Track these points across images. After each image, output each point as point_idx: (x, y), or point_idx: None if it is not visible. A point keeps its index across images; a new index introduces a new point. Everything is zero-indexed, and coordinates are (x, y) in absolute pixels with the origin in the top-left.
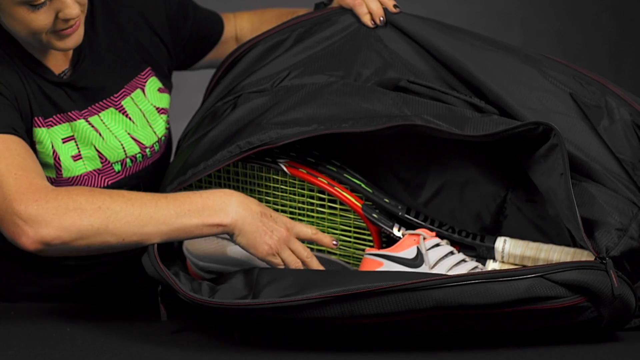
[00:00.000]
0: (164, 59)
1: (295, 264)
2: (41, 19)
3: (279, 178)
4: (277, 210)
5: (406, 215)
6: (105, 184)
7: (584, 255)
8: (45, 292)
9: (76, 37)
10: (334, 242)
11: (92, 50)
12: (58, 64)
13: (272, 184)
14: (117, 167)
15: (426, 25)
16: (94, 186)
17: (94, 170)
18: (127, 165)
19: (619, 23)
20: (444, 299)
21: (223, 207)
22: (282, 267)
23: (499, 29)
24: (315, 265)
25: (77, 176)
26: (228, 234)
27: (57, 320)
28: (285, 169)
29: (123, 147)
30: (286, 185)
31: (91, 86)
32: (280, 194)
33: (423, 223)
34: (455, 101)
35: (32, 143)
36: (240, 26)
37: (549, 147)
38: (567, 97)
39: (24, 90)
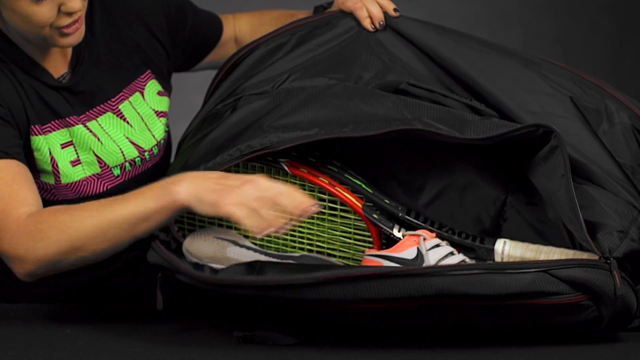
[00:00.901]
0: (163, 62)
1: (276, 221)
2: (44, 12)
3: (280, 178)
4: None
5: (406, 217)
6: (105, 189)
7: (584, 257)
8: (47, 293)
9: (78, 34)
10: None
11: (91, 53)
12: (57, 67)
13: None
14: (117, 172)
15: (426, 29)
16: (93, 191)
17: (93, 175)
18: (127, 169)
19: (618, 24)
20: (447, 287)
21: (175, 183)
22: (262, 229)
23: (498, 29)
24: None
25: (76, 182)
26: (189, 210)
27: (58, 321)
28: (286, 168)
29: (122, 152)
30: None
31: (89, 90)
32: None
33: (423, 224)
34: (455, 104)
35: (29, 151)
36: (240, 27)
37: (549, 149)
38: (567, 101)
39: (19, 100)
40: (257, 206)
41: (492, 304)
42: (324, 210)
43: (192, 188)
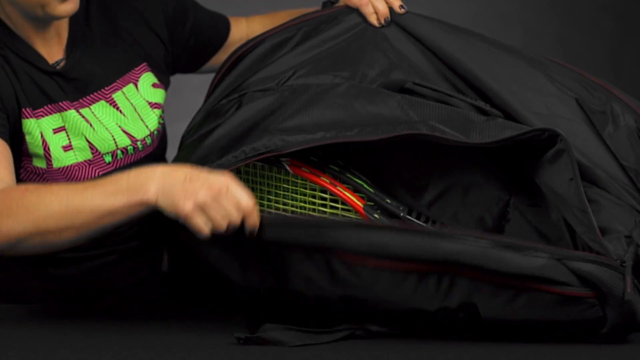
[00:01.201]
0: (161, 55)
1: (222, 220)
2: None
3: (282, 177)
4: (278, 209)
5: (407, 216)
6: (96, 175)
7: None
8: (46, 286)
9: (74, 2)
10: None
11: (86, 43)
12: (52, 53)
13: (274, 182)
14: (108, 159)
15: (433, 26)
16: (85, 177)
17: (85, 161)
18: (118, 157)
19: (618, 24)
20: (457, 254)
21: (145, 182)
22: (205, 231)
23: (498, 30)
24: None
25: (68, 166)
26: (157, 210)
27: (58, 321)
28: (288, 167)
29: (114, 139)
30: (288, 184)
31: (83, 78)
32: (282, 192)
33: (424, 224)
34: (460, 104)
35: (21, 135)
36: (252, 29)
37: (556, 152)
38: (573, 102)
39: (10, 84)
40: (214, 214)
41: (498, 281)
42: (325, 210)
43: (160, 188)
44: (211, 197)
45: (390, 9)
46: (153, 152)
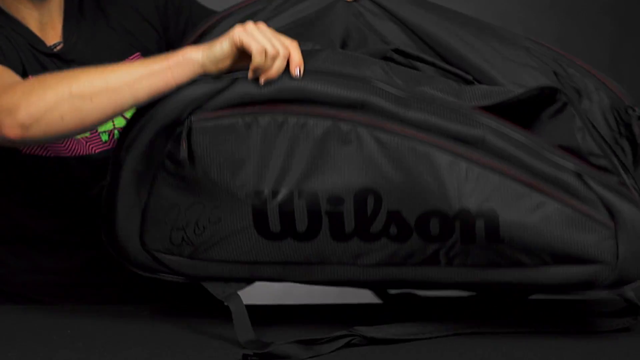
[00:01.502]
0: (154, 43)
1: (271, 48)
2: None
3: None
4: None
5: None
6: (92, 152)
7: None
8: (43, 281)
9: None
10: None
11: (80, 32)
12: (48, 37)
13: None
14: (105, 137)
15: (410, 2)
16: (84, 152)
17: (82, 138)
18: (115, 137)
19: (618, 24)
20: (491, 131)
21: (186, 48)
22: (255, 47)
23: None
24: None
25: (66, 141)
26: (200, 70)
27: (58, 321)
28: None
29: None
30: None
31: (80, 60)
32: None
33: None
34: (442, 72)
35: None
36: None
37: (557, 108)
38: (552, 76)
39: (17, 53)
40: (258, 32)
41: (526, 181)
42: None
43: (203, 46)
44: (257, 27)
45: None
46: None
